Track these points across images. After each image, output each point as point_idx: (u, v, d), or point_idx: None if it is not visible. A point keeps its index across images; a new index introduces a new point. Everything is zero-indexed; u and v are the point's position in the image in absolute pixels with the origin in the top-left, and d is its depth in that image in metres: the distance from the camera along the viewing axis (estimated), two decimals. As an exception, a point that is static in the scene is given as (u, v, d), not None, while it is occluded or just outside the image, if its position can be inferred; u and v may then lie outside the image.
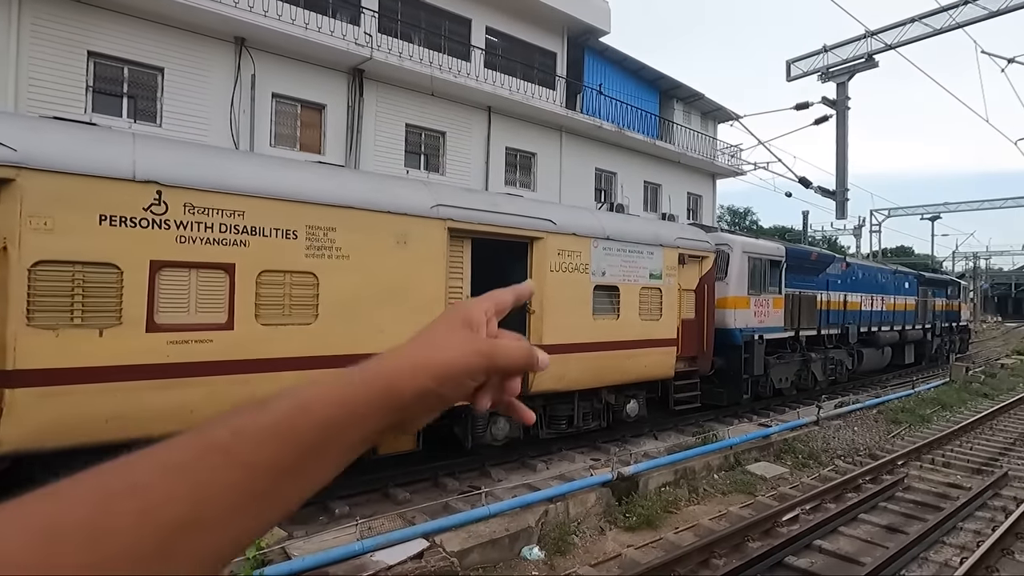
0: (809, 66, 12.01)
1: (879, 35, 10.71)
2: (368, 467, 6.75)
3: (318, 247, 5.50)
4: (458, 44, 14.04)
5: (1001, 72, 9.12)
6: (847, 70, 11.30)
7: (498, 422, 7.41)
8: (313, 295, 5.49)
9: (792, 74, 12.32)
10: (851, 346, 14.76)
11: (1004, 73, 9.10)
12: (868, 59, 11.01)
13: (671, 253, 9.05)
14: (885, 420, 11.24)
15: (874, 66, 11.03)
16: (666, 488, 7.23)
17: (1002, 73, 9.11)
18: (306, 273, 5.44)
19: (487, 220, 6.84)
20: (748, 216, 62.52)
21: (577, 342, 7.72)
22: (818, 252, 13.56)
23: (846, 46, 11.39)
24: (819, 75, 11.85)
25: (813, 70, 11.99)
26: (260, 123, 11.02)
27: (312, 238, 5.46)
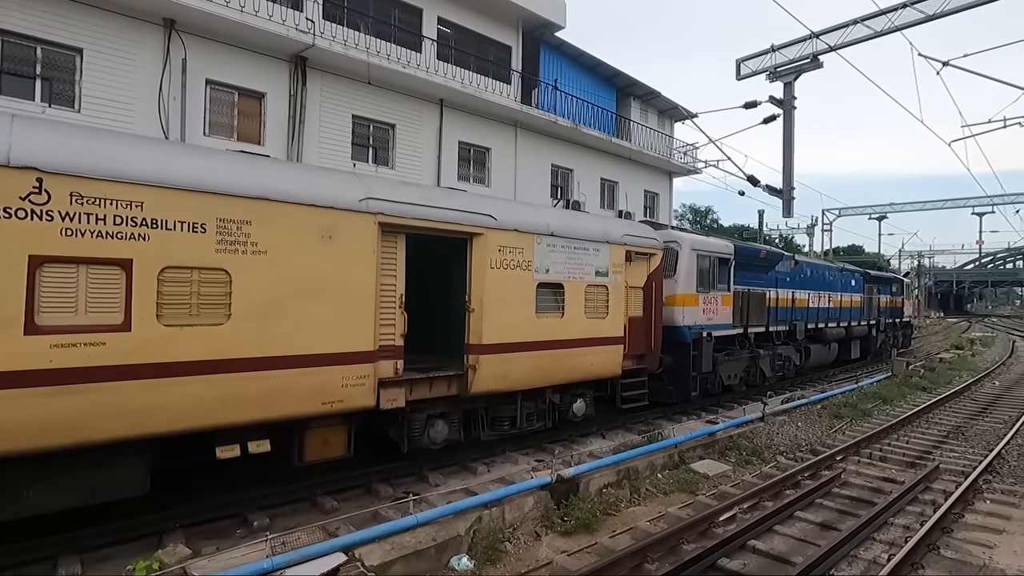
0: (758, 65, 12.13)
1: (823, 36, 10.86)
2: (296, 474, 6.40)
3: (231, 242, 5.12)
4: (408, 34, 13.63)
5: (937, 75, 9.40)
6: (793, 70, 11.45)
7: (436, 425, 7.14)
8: (225, 293, 5.10)
9: (742, 73, 12.42)
10: (799, 342, 15.06)
11: (940, 76, 9.37)
12: (813, 60, 11.17)
13: (618, 250, 8.94)
14: (828, 415, 11.46)
15: (819, 67, 11.20)
16: (608, 489, 7.11)
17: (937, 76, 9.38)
18: (217, 270, 5.05)
19: (422, 215, 6.55)
20: (709, 215, 63.97)
21: (520, 341, 7.52)
22: (767, 250, 13.76)
23: (793, 46, 11.54)
24: (767, 74, 11.97)
25: (762, 69, 12.10)
26: (193, 111, 10.40)
27: (224, 232, 5.07)
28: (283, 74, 11.50)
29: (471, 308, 7.12)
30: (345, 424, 6.35)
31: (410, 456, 7.26)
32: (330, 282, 5.72)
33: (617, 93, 19.46)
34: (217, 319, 5.06)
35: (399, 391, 6.57)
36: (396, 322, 6.49)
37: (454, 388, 7.18)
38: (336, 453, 6.32)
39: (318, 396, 5.71)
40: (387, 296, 6.39)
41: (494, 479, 7.11)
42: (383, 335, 6.35)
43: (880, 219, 36.16)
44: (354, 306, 5.90)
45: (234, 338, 5.12)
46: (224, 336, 5.08)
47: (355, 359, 5.94)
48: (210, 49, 10.55)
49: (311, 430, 6.10)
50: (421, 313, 9.12)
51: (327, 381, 5.74)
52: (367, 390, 6.07)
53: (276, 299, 5.37)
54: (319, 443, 6.19)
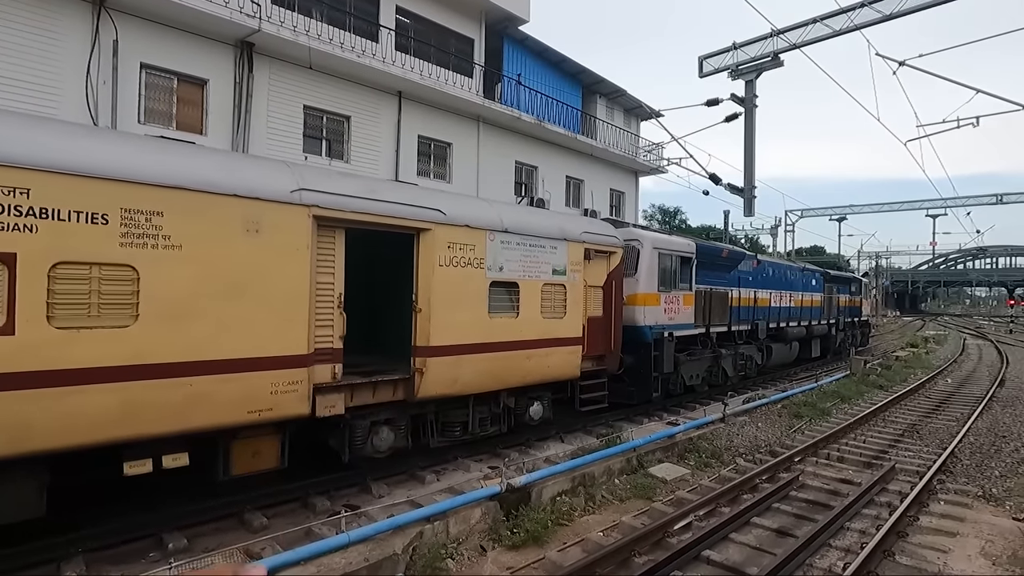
0: (720, 63, 12.04)
1: (784, 34, 10.81)
2: (222, 489, 5.89)
3: (139, 235, 4.60)
4: (366, 23, 13.10)
5: (893, 75, 9.41)
6: (754, 68, 11.38)
7: (380, 432, 6.72)
8: (132, 292, 4.59)
9: (704, 70, 12.32)
10: (761, 341, 15.09)
11: (896, 76, 9.39)
12: (774, 58, 11.12)
13: (576, 248, 8.66)
14: (789, 415, 11.43)
15: (779, 65, 11.16)
16: (562, 497, 6.81)
17: (894, 76, 9.39)
18: (122, 266, 4.53)
19: (364, 208, 6.12)
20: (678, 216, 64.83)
21: (471, 342, 7.15)
22: (729, 249, 13.71)
23: (754, 44, 11.47)
24: (729, 72, 11.88)
25: (723, 67, 12.01)
26: (126, 96, 9.69)
27: (130, 224, 4.56)
28: (228, 60, 10.85)
29: (418, 308, 6.72)
30: (278, 433, 5.88)
31: (354, 465, 6.82)
32: (256, 280, 5.25)
33: (583, 90, 19.26)
34: (122, 320, 4.55)
35: (338, 397, 6.12)
36: (334, 323, 6.05)
37: (400, 393, 6.76)
38: (267, 465, 5.84)
39: (243, 404, 5.23)
40: (324, 295, 5.94)
41: (443, 489, 6.73)
42: (319, 337, 5.89)
43: (840, 220, 37.10)
44: (284, 306, 5.44)
45: (143, 341, 4.61)
46: (131, 339, 4.57)
47: (286, 363, 5.48)
48: (146, 31, 9.85)
49: (238, 440, 5.61)
50: (369, 314, 8.70)
51: (253, 388, 5.27)
52: (300, 396, 5.62)
53: (192, 298, 4.87)
54: (248, 454, 5.70)
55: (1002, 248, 71.92)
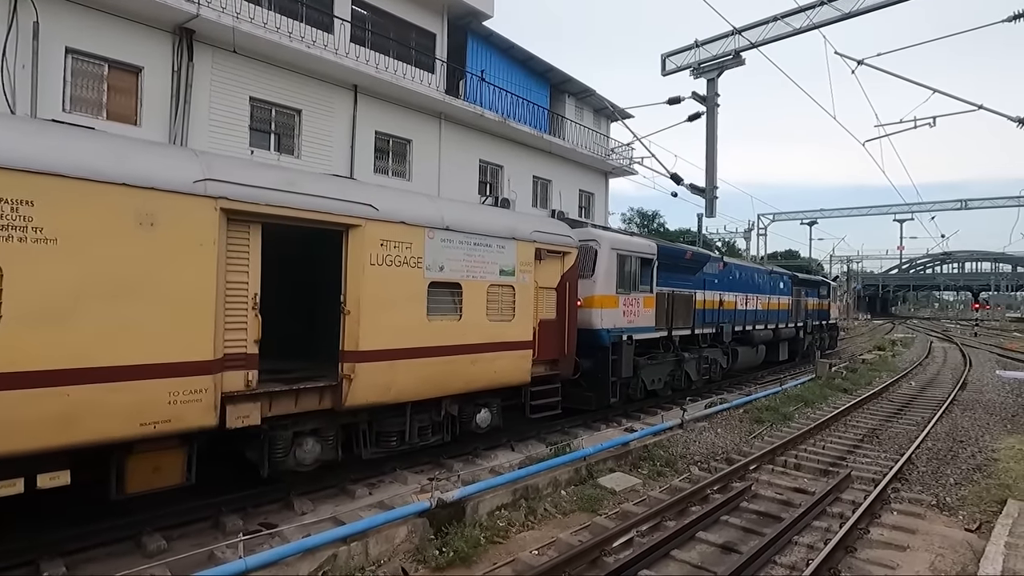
0: (682, 61, 11.81)
1: (745, 33, 10.61)
2: (118, 508, 5.34)
3: (2, 227, 4.08)
4: (320, 13, 12.59)
5: (852, 73, 9.27)
6: (716, 66, 11.17)
7: (305, 443, 6.24)
8: (-8, 291, 4.05)
9: (667, 68, 12.08)
10: (726, 345, 14.90)
11: (855, 75, 9.24)
12: (735, 56, 10.92)
13: (526, 247, 8.28)
14: (750, 420, 11.21)
15: (741, 63, 10.96)
16: (501, 511, 6.40)
17: (852, 75, 9.25)
18: (-21, 261, 4.00)
19: (282, 201, 5.64)
20: (656, 219, 65.10)
21: (407, 347, 6.72)
22: (694, 251, 13.49)
23: (716, 42, 11.27)
24: (691, 71, 11.66)
25: (686, 65, 11.78)
26: (49, 83, 9.05)
27: (-10, 213, 4.03)
28: (165, 47, 10.24)
29: (347, 310, 6.26)
30: (183, 446, 5.37)
31: (277, 480, 6.33)
32: (150, 278, 4.75)
33: (551, 89, 18.96)
34: (-21, 323, 4.01)
35: (253, 407, 5.63)
36: (248, 326, 5.56)
37: (327, 401, 6.29)
38: (170, 481, 5.33)
39: (135, 416, 4.72)
40: (236, 296, 5.45)
41: (373, 504, 6.28)
42: (230, 341, 5.41)
43: (811, 224, 37.52)
44: (184, 307, 4.94)
45: (6, 347, 4.09)
46: (-9, 345, 4.04)
47: (187, 370, 4.98)
48: (72, 14, 9.21)
49: (135, 455, 5.09)
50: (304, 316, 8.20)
51: (147, 397, 4.76)
52: (205, 407, 5.12)
53: (71, 298, 4.36)
54: (146, 470, 5.18)
55: (967, 253, 73.80)
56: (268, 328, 8.12)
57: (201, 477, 5.49)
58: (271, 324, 7.80)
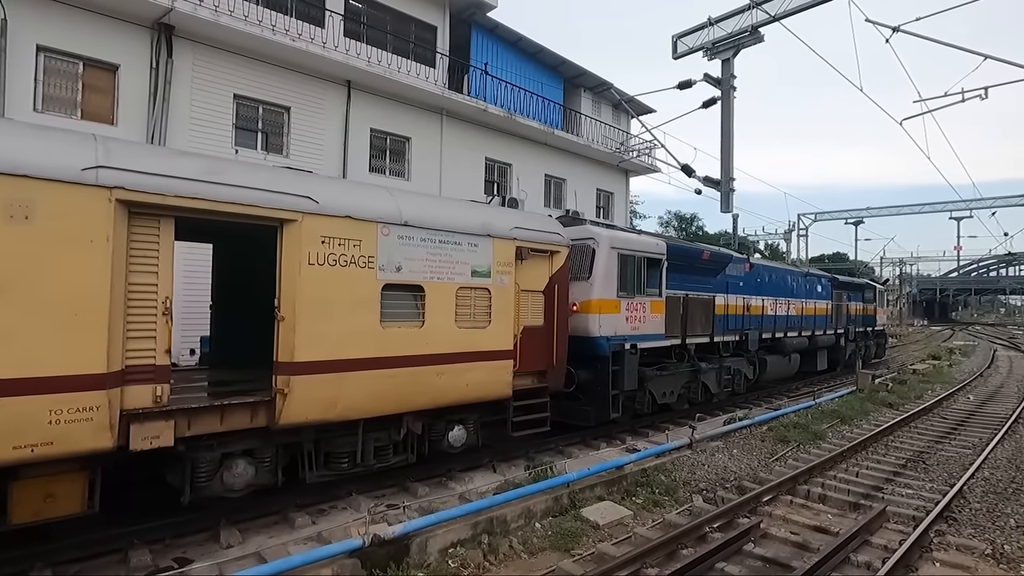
0: (695, 41, 10.74)
1: (763, 6, 9.49)
2: (26, 535, 4.72)
3: None
4: (313, 7, 12.11)
5: (886, 43, 8.01)
6: (731, 45, 10.06)
7: (235, 465, 5.54)
8: None
9: (679, 51, 11.02)
10: (752, 354, 13.59)
11: (889, 44, 7.98)
12: (753, 32, 9.79)
13: (505, 246, 7.41)
14: (773, 439, 9.97)
15: (759, 40, 9.82)
16: (457, 549, 5.54)
17: (887, 44, 7.99)
18: None
19: (197, 192, 4.97)
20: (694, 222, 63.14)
21: (356, 357, 5.95)
22: (712, 251, 12.32)
23: (731, 19, 10.16)
24: (704, 51, 10.58)
25: (699, 46, 10.71)
26: (19, 81, 8.79)
27: None
28: (143, 44, 9.91)
29: (280, 316, 5.54)
30: (84, 470, 4.74)
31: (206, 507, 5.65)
32: (22, 280, 4.13)
33: (565, 84, 18.06)
34: None
35: (165, 425, 4.95)
36: (158, 335, 4.89)
37: (261, 418, 5.57)
38: (67, 510, 4.69)
39: (4, 438, 4.09)
40: (141, 300, 4.79)
41: (312, 536, 5.51)
42: (134, 352, 4.75)
43: (856, 224, 35.05)
44: (69, 313, 4.31)
45: None
46: None
47: (72, 385, 4.33)
48: (42, 10, 8.96)
49: (21, 481, 4.48)
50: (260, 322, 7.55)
51: (18, 417, 4.13)
52: (97, 426, 4.46)
53: (-82, 302, 3.76)
54: (36, 498, 4.56)
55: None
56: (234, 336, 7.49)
57: (135, 502, 4.85)
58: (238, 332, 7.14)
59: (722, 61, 10.28)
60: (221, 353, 8.01)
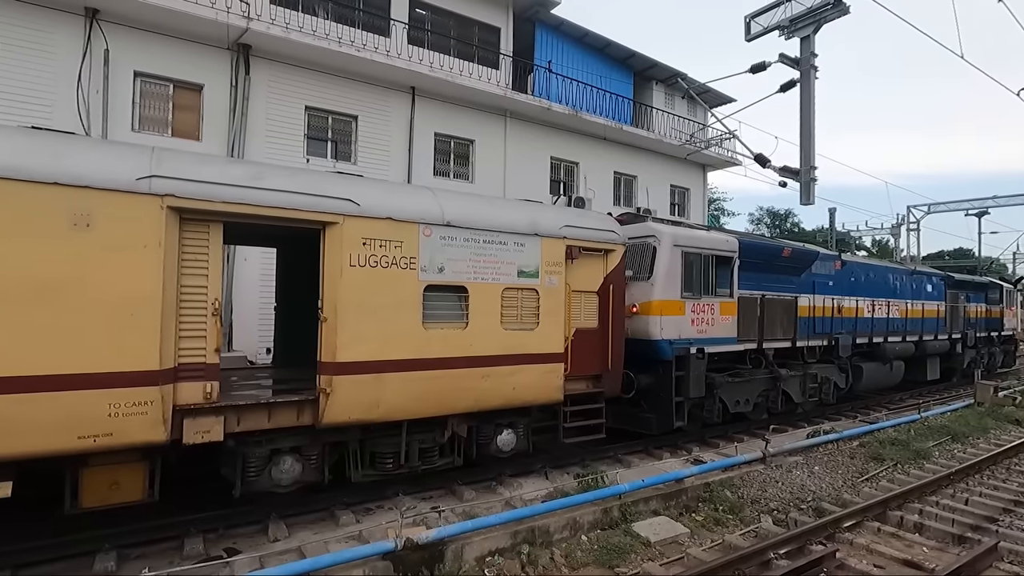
0: (771, 20, 9.88)
1: (849, -28, 8.53)
2: (71, 524, 5.12)
3: (-78, 229, 3.98)
4: (378, 18, 12.51)
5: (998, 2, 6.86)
6: (812, 20, 9.14)
7: (283, 462, 5.72)
8: (-87, 296, 3.95)
9: (752, 31, 10.19)
10: (844, 360, 12.31)
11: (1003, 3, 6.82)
12: (836, 3, 8.83)
13: (553, 245, 7.16)
14: (864, 456, 8.92)
15: (844, 12, 8.83)
16: (494, 558, 5.36)
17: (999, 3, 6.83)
18: None
19: (242, 198, 5.19)
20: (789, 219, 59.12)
21: (397, 358, 5.96)
22: (793, 247, 11.28)
23: (812, -8, 9.23)
24: (781, 30, 9.70)
25: (775, 25, 9.84)
26: (119, 105, 9.76)
27: (-90, 217, 3.94)
28: (224, 64, 10.68)
29: (323, 317, 5.65)
30: (144, 461, 5.08)
31: (256, 500, 5.88)
32: (85, 283, 4.47)
33: (635, 77, 17.41)
34: (-102, 329, 3.92)
35: (214, 421, 5.20)
36: (208, 334, 5.15)
37: (307, 417, 5.72)
38: (129, 497, 5.06)
39: (70, 428, 4.45)
40: (192, 301, 5.06)
41: (353, 535, 5.57)
42: (186, 350, 5.02)
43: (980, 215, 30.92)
44: (125, 314, 4.61)
45: (-75, 354, 3.96)
46: (-90, 351, 3.93)
47: (128, 381, 4.64)
48: (138, 39, 9.90)
49: (90, 469, 4.87)
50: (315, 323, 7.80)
51: (82, 409, 4.47)
52: (152, 420, 4.75)
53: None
54: (103, 485, 4.95)
55: None
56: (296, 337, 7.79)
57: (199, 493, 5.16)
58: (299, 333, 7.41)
59: (801, 39, 9.37)
60: (285, 353, 8.39)
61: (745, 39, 10.33)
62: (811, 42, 9.29)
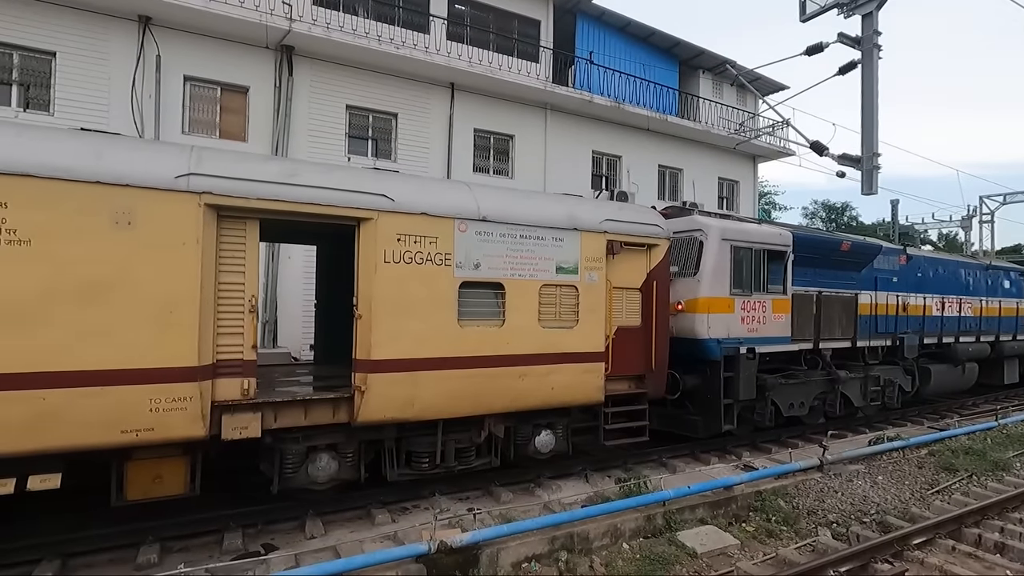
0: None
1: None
2: (123, 515, 5.25)
3: (-25, 229, 4.11)
4: (417, 15, 12.49)
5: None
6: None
7: (319, 459, 5.71)
8: (-33, 293, 4.10)
9: (807, 11, 9.56)
10: (909, 361, 11.48)
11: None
12: (902, -24, 8.16)
13: (593, 240, 6.90)
14: (935, 467, 8.24)
15: (911, -15, 8.16)
16: (530, 564, 5.18)
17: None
18: (-47, 263, 4.06)
19: (278, 195, 5.17)
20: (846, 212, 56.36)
21: (432, 356, 5.85)
22: (852, 241, 10.56)
23: (875, -35, 8.55)
24: (839, 7, 9.05)
25: (833, 2, 9.19)
26: (170, 108, 10.10)
27: (-36, 216, 4.08)
28: (268, 65, 10.89)
29: (358, 315, 5.60)
30: (185, 455, 5.16)
31: (296, 496, 5.90)
32: (126, 280, 4.54)
33: (681, 66, 16.79)
34: (-46, 325, 4.07)
35: (252, 417, 5.21)
36: (245, 331, 5.16)
37: (343, 415, 5.68)
38: (172, 491, 5.14)
39: (114, 423, 4.53)
40: (229, 298, 5.08)
41: (388, 535, 5.50)
42: (223, 347, 5.05)
43: (1066, 204, 28.32)
44: (164, 310, 4.67)
45: (-22, 348, 4.10)
46: (-34, 346, 4.07)
47: (168, 377, 4.70)
48: (188, 44, 10.21)
49: (134, 462, 4.97)
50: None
51: (125, 404, 4.55)
52: (191, 416, 4.80)
53: (42, 300, 4.28)
54: (147, 478, 5.05)
55: None
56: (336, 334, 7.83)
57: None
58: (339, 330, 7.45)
59: (862, 16, 8.71)
60: (326, 350, 8.45)
61: (800, 19, 9.72)
62: (874, 19, 8.62)
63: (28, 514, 5.38)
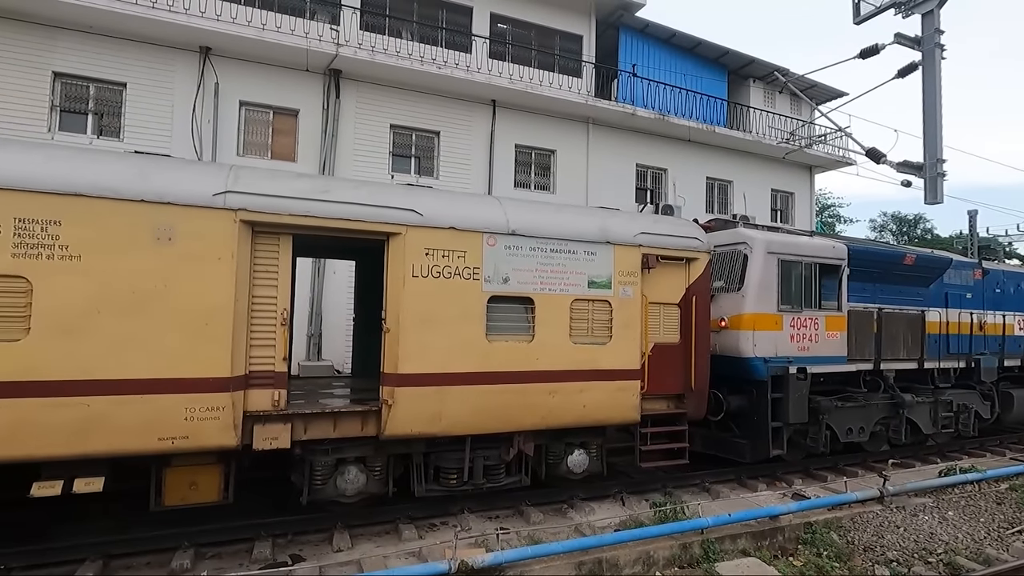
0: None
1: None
2: (162, 519, 5.44)
3: (32, 244, 4.42)
4: (459, 35, 12.75)
5: None
6: (936, -8, 7.94)
7: (347, 471, 5.74)
8: (24, 304, 4.40)
9: (861, 12, 9.07)
10: (987, 386, 10.50)
11: None
12: (966, -29, 7.61)
13: (628, 253, 6.70)
14: (1015, 503, 7.44)
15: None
16: (556, 589, 4.98)
17: None
18: (12, 277, 4.37)
19: (309, 211, 5.32)
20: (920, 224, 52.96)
21: (460, 371, 5.81)
22: (918, 254, 9.82)
23: (935, -39, 8.03)
24: (896, 7, 8.54)
25: (890, 2, 8.69)
26: (226, 132, 10.68)
27: (23, 233, 4.40)
28: (317, 89, 11.36)
29: (386, 328, 5.64)
30: (220, 463, 5.31)
31: (326, 508, 5.95)
32: (165, 293, 4.76)
33: (730, 76, 16.33)
34: (11, 334, 4.37)
35: (282, 428, 5.32)
36: (277, 343, 5.30)
37: (371, 428, 5.71)
38: (206, 498, 5.30)
39: (151, 430, 4.72)
40: (262, 311, 5.23)
41: (412, 551, 5.45)
42: (256, 359, 5.20)
43: None
44: (200, 322, 4.85)
45: (31, 357, 4.38)
46: (20, 353, 4.36)
47: (202, 387, 4.86)
48: (243, 71, 10.80)
49: (172, 468, 5.16)
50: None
51: (162, 412, 4.74)
52: (223, 425, 4.94)
53: (89, 312, 4.54)
54: (183, 485, 5.23)
55: None
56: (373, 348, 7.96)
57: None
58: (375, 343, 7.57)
59: (922, 15, 8.17)
60: (363, 364, 8.58)
61: (853, 21, 9.24)
62: (935, 17, 8.08)
63: (67, 516, 5.66)
